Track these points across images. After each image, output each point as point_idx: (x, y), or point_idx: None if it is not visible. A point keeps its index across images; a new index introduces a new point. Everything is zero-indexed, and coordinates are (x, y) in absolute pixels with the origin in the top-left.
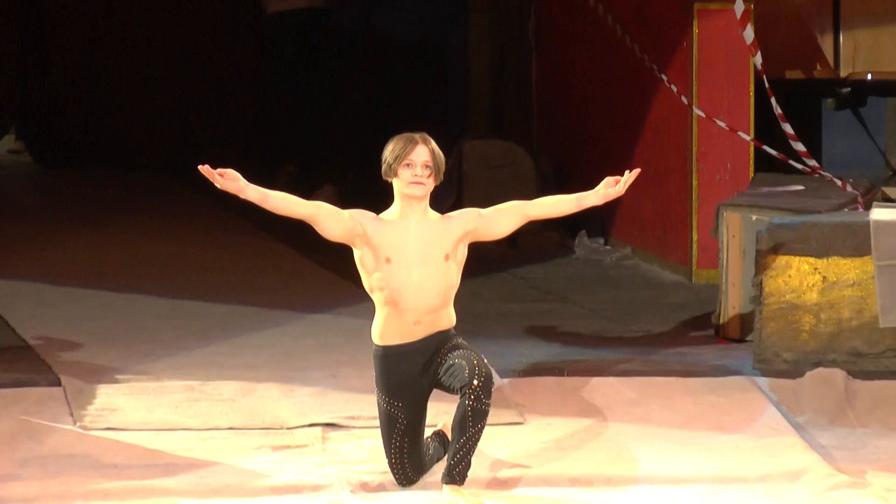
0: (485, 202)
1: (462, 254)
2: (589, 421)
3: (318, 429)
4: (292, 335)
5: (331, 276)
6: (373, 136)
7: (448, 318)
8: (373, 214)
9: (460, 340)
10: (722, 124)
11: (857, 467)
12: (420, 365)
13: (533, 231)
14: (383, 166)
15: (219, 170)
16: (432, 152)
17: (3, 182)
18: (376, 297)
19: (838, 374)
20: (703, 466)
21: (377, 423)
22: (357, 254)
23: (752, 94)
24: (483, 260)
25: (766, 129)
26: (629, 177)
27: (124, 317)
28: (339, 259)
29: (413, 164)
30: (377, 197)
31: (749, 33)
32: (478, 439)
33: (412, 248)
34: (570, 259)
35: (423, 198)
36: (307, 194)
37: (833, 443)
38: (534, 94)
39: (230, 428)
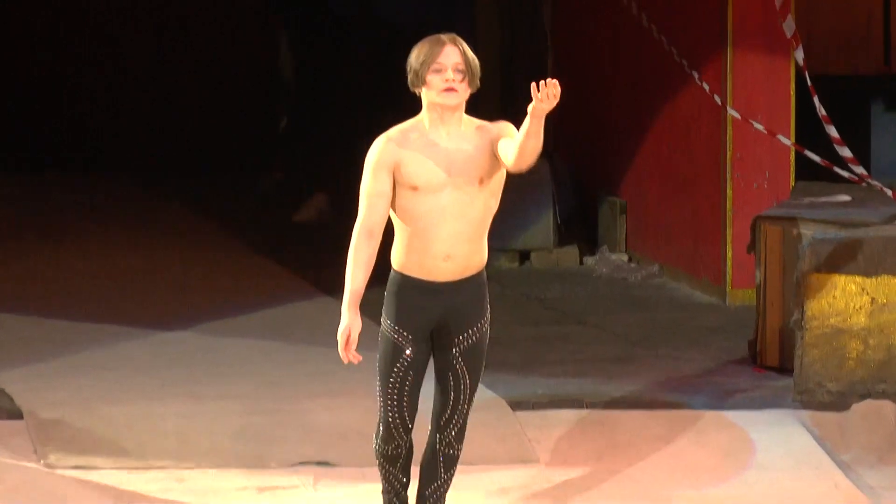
0: (498, 215)
1: (499, 179)
2: (611, 459)
3: (310, 468)
4: (280, 362)
5: (322, 296)
6: (368, 135)
7: (480, 255)
8: (395, 136)
9: (477, 342)
10: (759, 126)
11: None
12: (442, 310)
13: (549, 246)
14: (409, 75)
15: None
16: (464, 53)
17: None
18: (399, 224)
19: (888, 407)
20: None
21: (375, 462)
22: None
23: (792, 92)
24: (492, 278)
25: (809, 132)
26: (549, 87)
27: (92, 341)
28: (332, 273)
29: (443, 67)
30: None
31: (790, 24)
32: (449, 485)
33: (442, 171)
34: (591, 277)
35: (457, 107)
36: (296, 203)
37: (883, 483)
38: None
39: (211, 467)
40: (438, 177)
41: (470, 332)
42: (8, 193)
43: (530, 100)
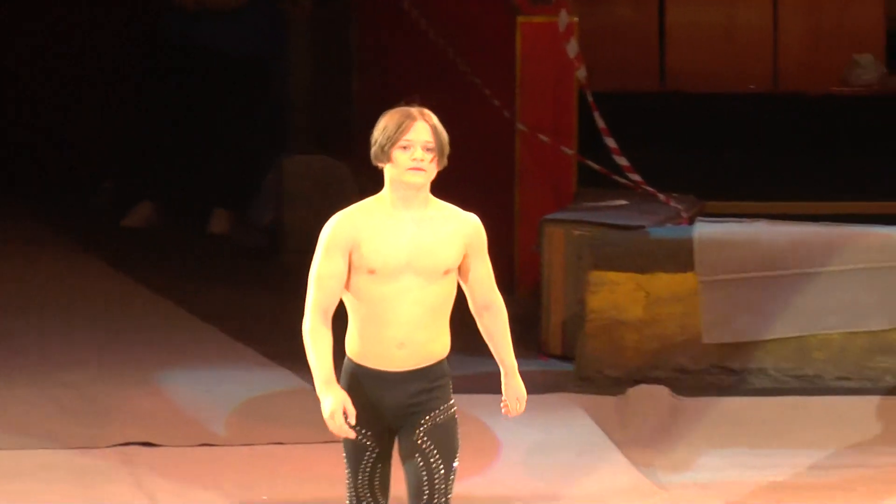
0: (308, 221)
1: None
2: None
3: (135, 448)
4: (104, 352)
5: (146, 293)
6: (195, 149)
7: (442, 343)
8: (351, 217)
9: (444, 421)
10: (544, 139)
11: (681, 486)
12: (400, 401)
13: None
14: (373, 149)
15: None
16: (434, 129)
17: None
18: (351, 308)
19: (662, 391)
20: (522, 485)
21: (196, 442)
22: None
23: (576, 108)
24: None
25: (591, 143)
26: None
27: None
28: (157, 275)
29: (411, 144)
30: (201, 214)
31: (573, 46)
32: None
33: (403, 255)
34: None
35: (422, 186)
36: (124, 211)
37: (656, 461)
38: (355, 108)
39: (41, 448)
40: (398, 261)
41: (434, 413)
42: None
43: (340, 122)
